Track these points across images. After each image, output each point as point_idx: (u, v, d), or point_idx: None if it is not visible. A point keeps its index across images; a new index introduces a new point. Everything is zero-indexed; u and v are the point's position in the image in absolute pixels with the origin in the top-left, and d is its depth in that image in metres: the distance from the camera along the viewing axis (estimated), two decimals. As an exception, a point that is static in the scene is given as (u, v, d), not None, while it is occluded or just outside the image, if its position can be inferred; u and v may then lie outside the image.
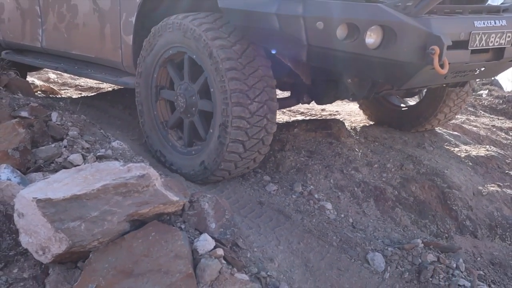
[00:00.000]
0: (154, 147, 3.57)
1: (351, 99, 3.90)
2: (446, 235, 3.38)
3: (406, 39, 2.67)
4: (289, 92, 4.01)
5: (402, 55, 2.71)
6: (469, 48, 2.89)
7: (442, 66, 2.66)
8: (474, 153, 4.31)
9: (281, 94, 4.83)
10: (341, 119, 4.59)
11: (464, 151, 4.35)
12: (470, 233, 3.46)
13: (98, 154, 2.95)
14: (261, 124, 3.07)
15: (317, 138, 4.00)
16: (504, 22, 3.04)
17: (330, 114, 5.10)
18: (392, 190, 3.54)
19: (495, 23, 3.00)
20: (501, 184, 3.91)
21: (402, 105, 4.72)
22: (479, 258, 3.31)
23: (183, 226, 2.39)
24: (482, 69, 3.16)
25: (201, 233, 2.37)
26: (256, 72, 3.03)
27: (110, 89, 5.69)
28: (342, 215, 3.23)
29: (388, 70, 2.85)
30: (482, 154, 4.30)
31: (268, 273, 2.45)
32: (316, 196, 3.34)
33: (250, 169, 3.39)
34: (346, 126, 4.40)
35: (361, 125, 4.69)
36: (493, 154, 4.36)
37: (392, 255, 2.91)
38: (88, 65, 4.37)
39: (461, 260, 2.97)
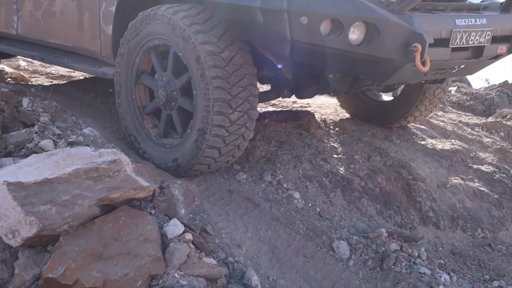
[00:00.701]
0: (129, 130, 3.53)
1: (332, 94, 3.94)
2: (410, 225, 3.49)
3: (389, 36, 2.70)
4: (270, 85, 4.01)
5: (385, 52, 2.74)
6: (450, 46, 2.93)
7: (423, 63, 2.70)
8: (439, 146, 4.43)
9: (261, 87, 4.88)
10: (311, 111, 4.66)
11: (430, 144, 4.46)
12: (433, 224, 3.57)
13: (70, 140, 2.97)
14: (239, 132, 3.08)
15: (287, 129, 4.06)
16: (484, 21, 3.07)
17: (301, 106, 5.17)
18: (359, 181, 3.63)
19: (475, 21, 3.03)
20: (464, 177, 4.03)
21: (380, 100, 4.76)
22: (440, 248, 3.42)
23: (153, 212, 2.43)
24: (462, 66, 3.22)
25: (170, 218, 2.42)
26: (241, 81, 3.01)
27: (81, 77, 5.67)
28: (310, 204, 3.30)
29: (370, 67, 2.88)
30: (448, 148, 4.42)
31: (236, 259, 2.51)
32: (284, 185, 3.40)
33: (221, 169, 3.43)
34: (316, 118, 4.47)
35: (331, 117, 4.78)
36: (458, 148, 4.49)
37: (356, 244, 3.00)
38: (66, 54, 4.28)
39: (423, 249, 3.06)
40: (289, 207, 3.21)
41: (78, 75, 5.92)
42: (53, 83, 5.53)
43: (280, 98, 4.56)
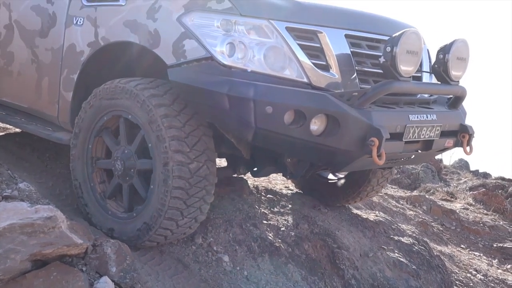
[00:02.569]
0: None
1: (288, 177, 4.04)
2: (333, 292, 3.64)
3: (348, 129, 2.80)
4: (225, 160, 4.08)
5: (343, 143, 2.83)
6: (403, 140, 3.05)
7: (379, 156, 2.81)
8: (364, 217, 4.67)
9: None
10: (245, 178, 4.83)
11: (356, 215, 4.69)
12: (354, 291, 3.74)
13: (4, 194, 3.00)
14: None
15: (220, 193, 4.20)
16: (434, 117, 3.23)
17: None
18: (286, 247, 3.78)
19: (427, 117, 3.18)
20: (386, 248, 4.25)
21: (328, 178, 4.79)
22: (360, 315, 3.58)
23: (84, 269, 2.49)
24: (412, 157, 3.36)
25: (101, 276, 2.49)
26: (201, 168, 3.02)
27: (18, 130, 5.66)
28: (238, 268, 3.41)
29: (328, 156, 2.98)
30: (371, 219, 4.66)
31: (163, 319, 2.59)
32: (214, 248, 3.51)
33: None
34: (249, 184, 4.64)
35: (263, 184, 4.96)
36: (381, 219, 4.74)
37: (281, 307, 3.12)
38: (17, 113, 4.23)
39: (343, 315, 3.22)
40: (218, 270, 3.31)
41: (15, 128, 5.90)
42: (-12, 134, 5.49)
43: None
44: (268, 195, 4.57)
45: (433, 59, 3.43)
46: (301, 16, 2.99)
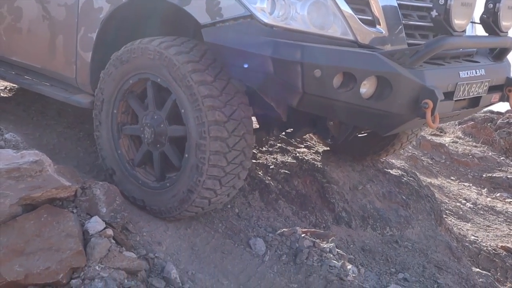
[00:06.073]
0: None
1: (329, 141, 3.92)
2: (324, 225, 3.71)
3: (401, 91, 2.61)
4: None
5: (395, 106, 2.65)
6: (454, 99, 2.85)
7: (433, 119, 2.62)
8: (353, 153, 4.70)
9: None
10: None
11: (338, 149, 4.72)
12: (345, 223, 3.81)
13: (-10, 144, 3.01)
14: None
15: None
16: (483, 72, 3.03)
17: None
18: (276, 184, 3.83)
19: (476, 72, 2.98)
20: (374, 181, 4.31)
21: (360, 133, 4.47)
22: (352, 245, 3.66)
23: (75, 211, 2.53)
24: (457, 115, 3.23)
25: (92, 217, 2.52)
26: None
27: (1, 86, 5.62)
28: (229, 206, 3.45)
29: (377, 119, 2.80)
30: (360, 154, 4.70)
31: (156, 255, 2.64)
32: (205, 188, 3.55)
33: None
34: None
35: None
36: (370, 154, 4.77)
37: (272, 240, 3.18)
38: (28, 73, 3.93)
39: (333, 245, 3.27)
40: (209, 208, 3.36)
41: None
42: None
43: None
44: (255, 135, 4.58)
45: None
46: None
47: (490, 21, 3.05)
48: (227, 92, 2.78)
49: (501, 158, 7.21)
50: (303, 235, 3.26)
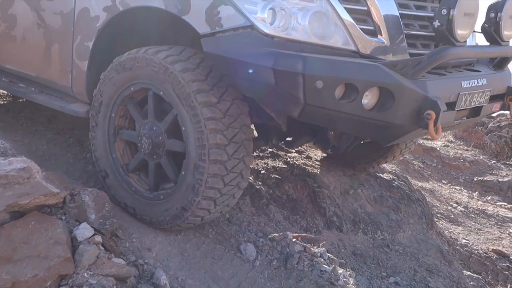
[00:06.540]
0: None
1: (329, 150, 3.89)
2: (315, 229, 3.71)
3: (403, 102, 2.58)
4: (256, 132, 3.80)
5: (397, 118, 2.62)
6: (456, 109, 2.82)
7: (435, 130, 2.60)
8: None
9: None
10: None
11: (336, 154, 4.73)
12: (336, 227, 3.81)
13: (-21, 151, 2.99)
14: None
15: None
16: (484, 81, 3.00)
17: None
18: (267, 189, 3.82)
19: (478, 82, 2.95)
20: (365, 185, 4.31)
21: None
22: (343, 250, 3.66)
23: (63, 218, 2.51)
24: (458, 124, 3.16)
25: (81, 224, 2.51)
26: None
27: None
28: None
29: (379, 130, 2.79)
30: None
31: (146, 261, 2.63)
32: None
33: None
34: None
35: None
36: (361, 158, 4.78)
37: (263, 245, 3.17)
38: (22, 80, 3.90)
39: (324, 249, 3.27)
40: (200, 214, 3.35)
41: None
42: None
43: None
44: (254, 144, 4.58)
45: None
46: None
47: (492, 30, 3.03)
48: (230, 114, 2.75)
49: (492, 162, 7.25)
50: (294, 240, 3.25)
